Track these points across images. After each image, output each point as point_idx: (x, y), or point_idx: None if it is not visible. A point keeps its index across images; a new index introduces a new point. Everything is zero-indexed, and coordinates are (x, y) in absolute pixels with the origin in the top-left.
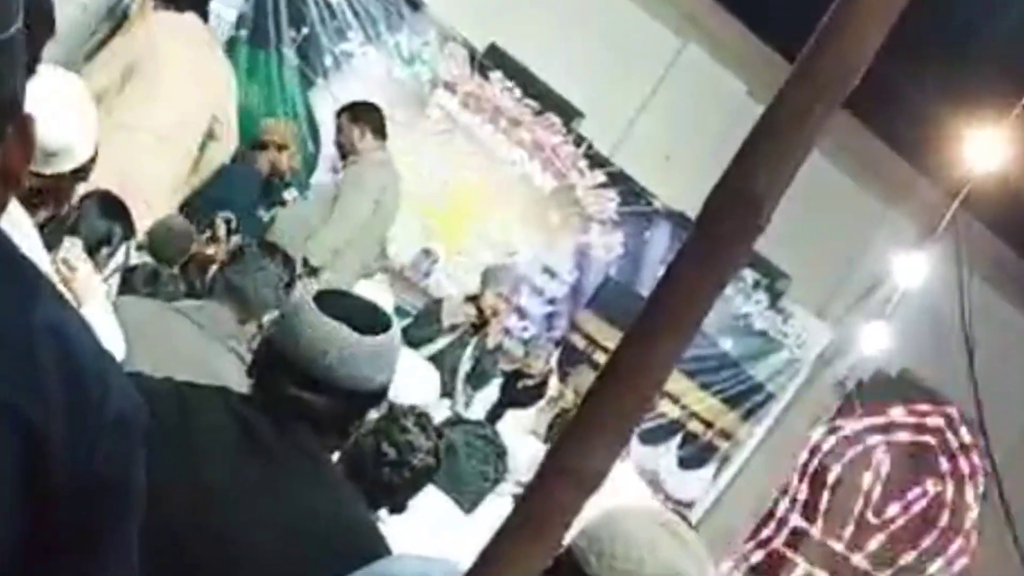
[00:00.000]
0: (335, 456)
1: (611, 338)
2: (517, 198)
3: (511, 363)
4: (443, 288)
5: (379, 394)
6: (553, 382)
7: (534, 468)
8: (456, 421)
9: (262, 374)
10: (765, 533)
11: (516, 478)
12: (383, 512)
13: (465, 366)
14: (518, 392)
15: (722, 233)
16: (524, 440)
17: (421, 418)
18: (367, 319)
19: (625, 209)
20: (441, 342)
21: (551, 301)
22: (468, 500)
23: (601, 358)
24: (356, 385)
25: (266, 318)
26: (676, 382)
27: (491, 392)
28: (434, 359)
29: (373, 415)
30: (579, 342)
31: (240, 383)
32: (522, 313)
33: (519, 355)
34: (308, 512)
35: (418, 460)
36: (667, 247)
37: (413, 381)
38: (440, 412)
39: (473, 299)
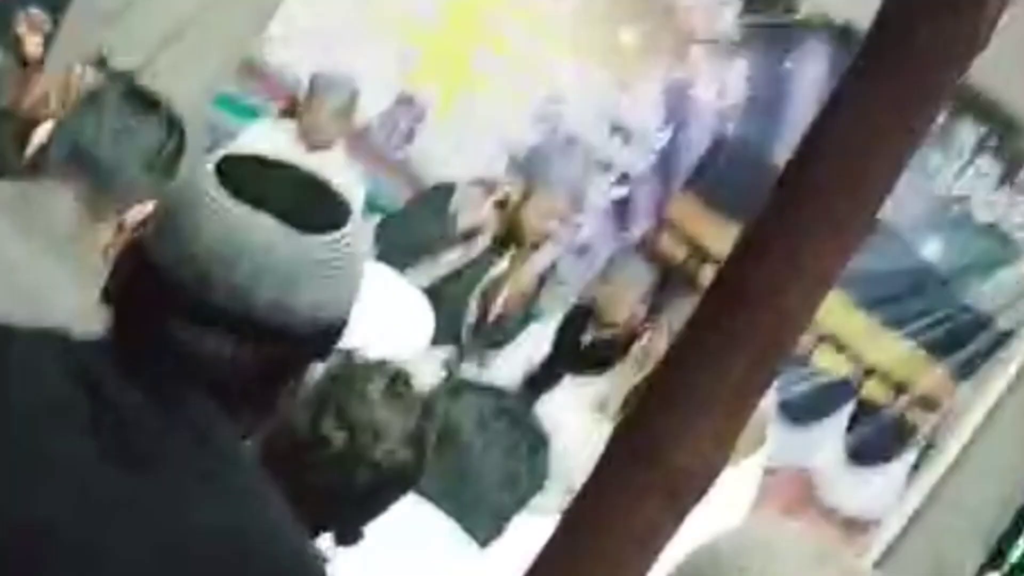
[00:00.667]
0: (249, 443)
1: (726, 241)
2: (564, 4)
3: (564, 291)
4: (433, 162)
5: (327, 336)
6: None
7: None
8: (461, 387)
9: (127, 303)
10: None
11: (567, 486)
12: (327, 541)
13: (479, 305)
14: (584, 351)
15: (914, 47)
16: (582, 423)
17: (395, 380)
18: (308, 204)
19: (751, 20)
20: (444, 262)
21: (624, 180)
22: (483, 524)
23: (710, 276)
24: (289, 320)
25: (135, 213)
26: (842, 315)
27: (532, 344)
28: (432, 292)
29: (316, 372)
30: (673, 249)
31: (90, 319)
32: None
33: (576, 277)
34: (201, 537)
35: (386, 452)
36: (821, 83)
37: (387, 319)
38: (431, 371)
39: (502, 204)
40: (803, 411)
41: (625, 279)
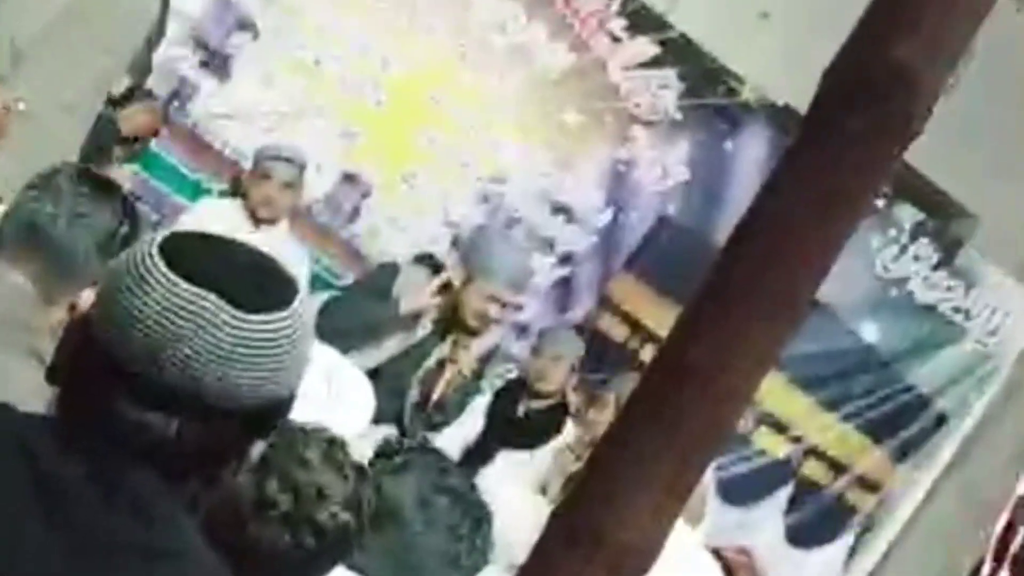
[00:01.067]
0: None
1: (668, 321)
2: (508, 85)
3: (503, 368)
4: (377, 240)
5: (273, 414)
6: (574, 402)
7: None
8: (402, 462)
9: (73, 382)
10: None
11: (509, 563)
12: None
13: (421, 387)
14: (518, 422)
15: (849, 131)
16: (524, 500)
17: (332, 445)
18: (256, 283)
19: (691, 102)
20: (387, 346)
21: (566, 260)
22: None
23: (648, 354)
24: (235, 399)
25: (87, 296)
26: (782, 396)
27: (471, 421)
28: (374, 374)
29: (259, 448)
30: (614, 330)
31: (37, 399)
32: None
33: (517, 354)
34: None
35: (330, 514)
36: (762, 164)
37: (329, 400)
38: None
39: (445, 288)
40: (743, 491)
41: (555, 349)
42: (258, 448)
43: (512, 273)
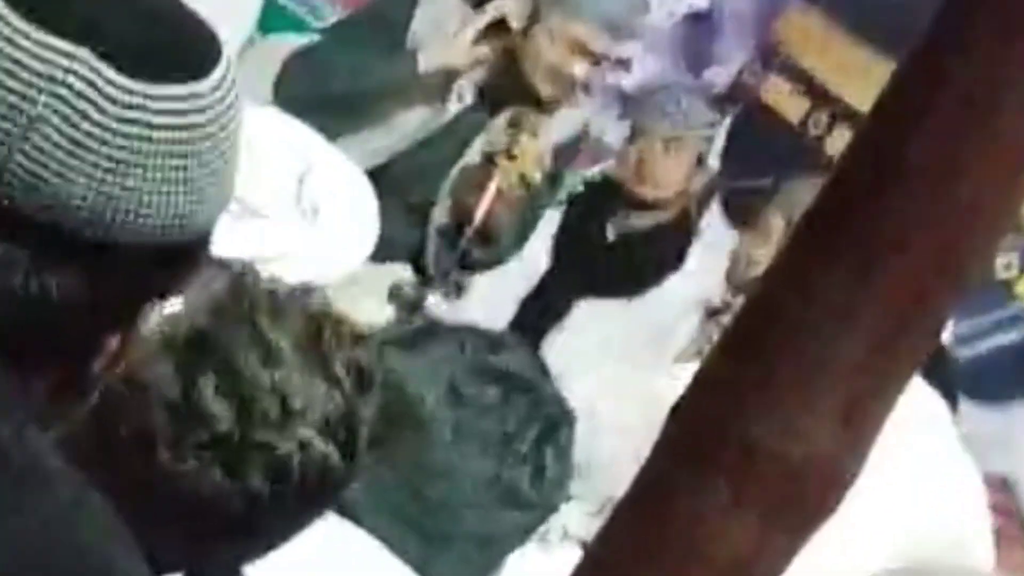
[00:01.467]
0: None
1: (875, 89)
2: None
3: (595, 171)
4: None
5: (183, 252)
6: (714, 219)
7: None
8: (423, 333)
9: None
10: None
11: (606, 495)
12: None
13: (455, 198)
14: (607, 251)
15: None
16: (626, 389)
17: (318, 324)
18: (154, 35)
19: None
20: (399, 127)
21: None
22: (458, 567)
23: (838, 146)
24: (120, 223)
25: None
26: None
27: (535, 259)
28: (378, 176)
29: (151, 319)
30: (784, 102)
31: None
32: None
33: (616, 144)
34: None
35: (294, 445)
36: None
37: (303, 216)
38: (374, 305)
39: (498, 29)
40: (999, 378)
41: (669, 124)
42: (157, 313)
43: (611, 5)
